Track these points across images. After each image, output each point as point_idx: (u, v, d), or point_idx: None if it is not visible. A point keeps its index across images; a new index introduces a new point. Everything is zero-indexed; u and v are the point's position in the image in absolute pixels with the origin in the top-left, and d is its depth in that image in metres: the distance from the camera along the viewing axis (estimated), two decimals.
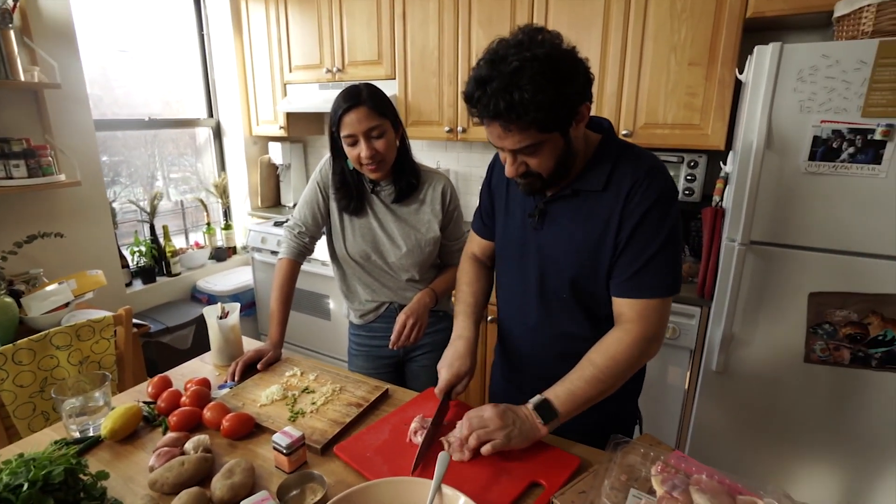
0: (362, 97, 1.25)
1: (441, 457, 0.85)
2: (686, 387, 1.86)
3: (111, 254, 2.53)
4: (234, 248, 3.30)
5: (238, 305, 1.36)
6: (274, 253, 2.78)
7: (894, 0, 1.34)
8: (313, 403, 1.12)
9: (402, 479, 0.81)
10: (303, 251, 1.45)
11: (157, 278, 2.83)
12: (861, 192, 1.38)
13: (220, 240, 3.24)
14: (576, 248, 1.00)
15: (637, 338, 0.94)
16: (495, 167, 1.17)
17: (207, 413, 1.06)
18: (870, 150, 1.35)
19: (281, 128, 3.00)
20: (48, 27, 2.17)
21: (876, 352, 1.44)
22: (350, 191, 1.39)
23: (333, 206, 1.42)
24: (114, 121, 2.73)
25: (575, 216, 0.99)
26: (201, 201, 3.12)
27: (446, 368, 1.07)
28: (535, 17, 2.12)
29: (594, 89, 0.92)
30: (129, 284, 2.73)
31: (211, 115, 3.22)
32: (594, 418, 1.01)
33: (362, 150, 1.26)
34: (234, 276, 3.07)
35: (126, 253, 2.73)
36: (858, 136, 1.35)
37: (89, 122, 2.36)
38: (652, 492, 0.79)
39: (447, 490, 0.78)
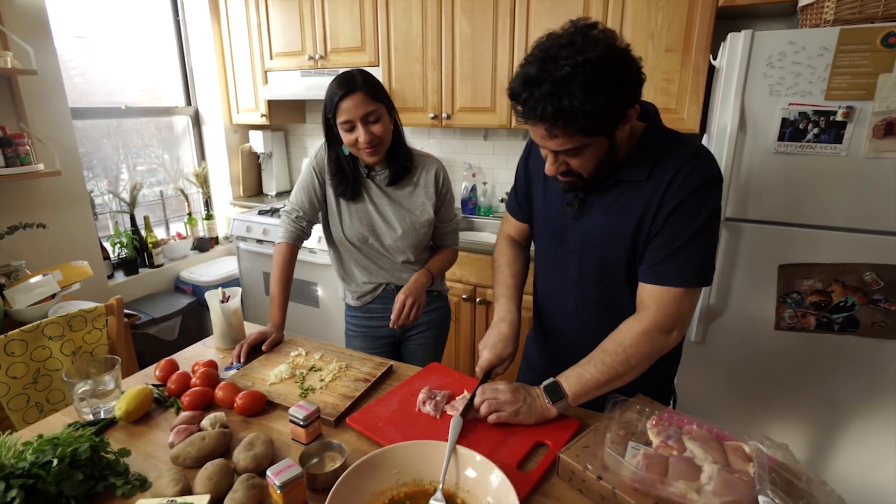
0: (357, 83, 1.28)
1: (454, 421, 0.91)
2: None
3: (92, 245, 2.49)
4: (217, 237, 3.27)
5: (239, 290, 1.39)
6: (260, 241, 2.77)
7: None
8: (321, 380, 1.16)
9: (420, 441, 0.87)
10: (301, 235, 1.48)
11: (140, 270, 2.80)
12: (825, 170, 1.48)
13: (202, 230, 3.21)
14: (616, 237, 0.99)
15: (648, 326, 0.93)
16: (532, 148, 1.14)
17: (220, 392, 1.09)
18: (832, 131, 1.46)
19: (262, 115, 2.98)
20: (20, 11, 2.10)
21: (838, 317, 1.56)
22: (346, 176, 1.42)
23: (330, 191, 1.45)
24: (91, 109, 2.66)
25: (615, 205, 0.98)
26: (182, 191, 3.08)
27: (489, 349, 1.07)
28: (518, 3, 2.16)
29: None
30: (110, 276, 2.69)
31: (189, 103, 3.17)
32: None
33: (360, 134, 1.29)
34: (219, 266, 3.05)
35: (106, 244, 2.68)
36: (822, 118, 1.45)
37: (66, 110, 2.31)
38: (648, 443, 0.86)
39: (462, 450, 0.84)
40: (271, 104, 2.97)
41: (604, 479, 0.80)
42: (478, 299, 2.33)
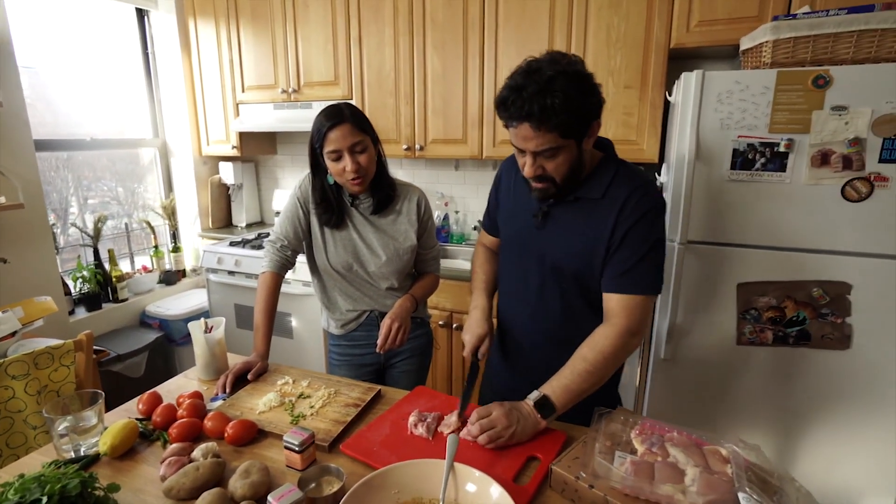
0: (345, 115, 1.34)
1: (450, 439, 0.94)
2: (638, 376, 2.05)
3: (53, 280, 2.40)
4: (184, 270, 3.20)
5: (223, 320, 1.38)
6: (231, 273, 2.73)
7: (787, 39, 1.62)
8: (311, 407, 1.17)
9: (419, 461, 0.89)
10: (285, 264, 1.49)
11: (103, 304, 2.69)
12: (773, 196, 1.63)
13: (168, 263, 3.13)
14: (573, 249, 1.13)
15: (621, 331, 1.06)
16: (502, 175, 1.34)
17: (208, 423, 1.08)
18: (777, 160, 1.61)
19: (234, 147, 2.98)
20: None
21: (792, 331, 1.68)
22: (331, 205, 1.45)
23: (314, 220, 1.48)
24: (55, 141, 2.60)
25: (574, 220, 1.12)
26: (148, 223, 3.01)
27: (469, 333, 1.24)
28: (486, 43, 2.29)
29: None
30: (71, 312, 2.58)
31: (156, 134, 3.14)
32: (580, 406, 1.10)
33: (347, 164, 1.33)
34: (187, 300, 2.97)
35: (67, 279, 2.58)
36: (767, 149, 1.60)
37: (29, 142, 2.26)
38: (634, 451, 0.92)
39: (460, 467, 0.87)
40: (242, 136, 2.98)
41: (595, 486, 0.84)
42: (454, 325, 2.37)
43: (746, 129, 1.61)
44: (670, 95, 1.91)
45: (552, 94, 0.93)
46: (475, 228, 2.75)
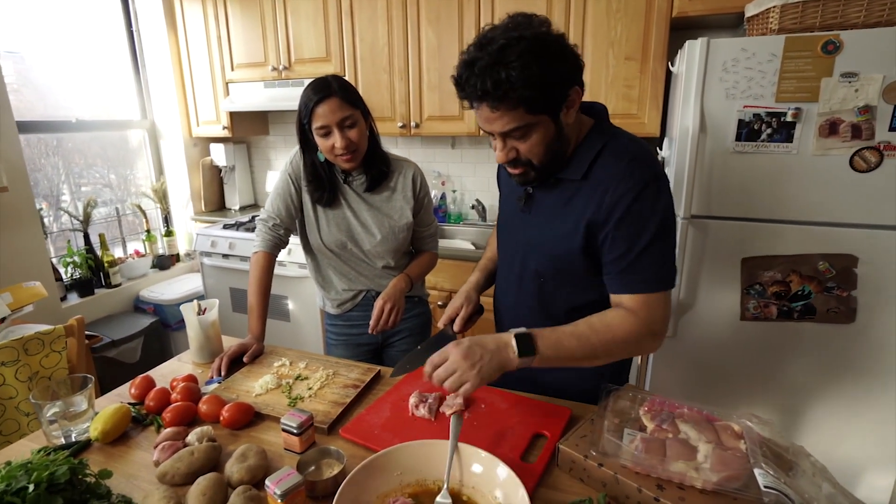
0: (333, 88, 1.27)
1: (453, 419, 0.90)
2: (639, 357, 2.03)
3: (43, 266, 2.35)
4: (178, 254, 3.15)
5: (216, 302, 1.34)
6: (226, 256, 2.69)
7: (795, 3, 1.56)
8: (309, 388, 1.14)
9: (422, 441, 0.86)
10: (278, 244, 1.44)
11: (96, 290, 2.65)
12: (778, 167, 1.58)
13: (161, 247, 3.08)
14: (554, 235, 1.01)
15: (639, 325, 0.91)
16: None
17: (203, 406, 1.05)
18: (783, 131, 1.56)
19: (224, 128, 2.91)
20: None
21: (797, 305, 1.66)
22: (322, 182, 1.40)
23: (307, 197, 1.43)
24: (39, 122, 2.52)
25: (556, 204, 1.01)
26: (139, 207, 2.95)
27: (447, 308, 1.20)
28: (482, 15, 2.22)
29: None
30: (63, 298, 2.53)
31: (145, 116, 3.05)
32: (585, 384, 1.08)
33: (336, 140, 1.28)
34: (181, 284, 2.93)
35: (58, 265, 2.53)
36: (774, 119, 1.56)
37: (11, 123, 2.18)
38: (643, 429, 0.89)
39: (465, 447, 0.84)
40: (233, 116, 2.91)
41: (605, 465, 0.82)
42: None
43: (752, 98, 1.56)
44: (673, 66, 1.85)
45: (506, 66, 0.80)
46: (473, 207, 2.71)
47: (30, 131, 2.47)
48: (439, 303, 2.35)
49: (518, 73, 0.80)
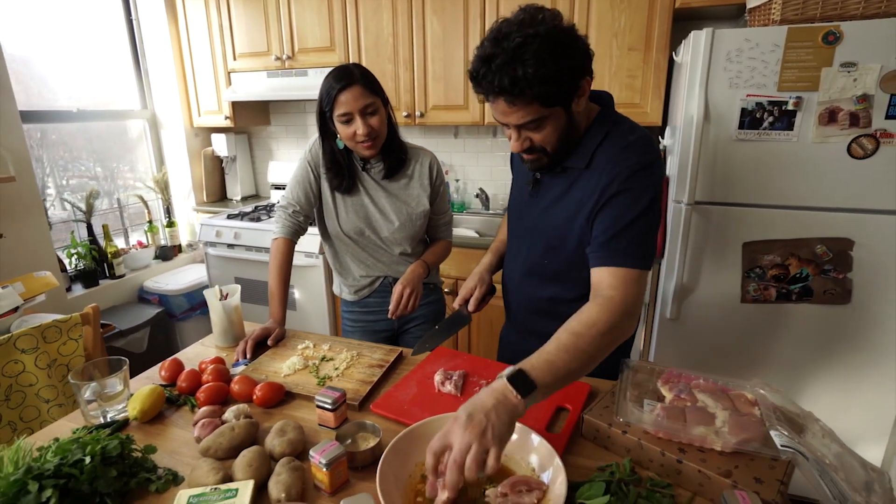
0: (355, 76, 1.30)
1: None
2: (642, 339, 2.09)
3: (48, 256, 2.35)
4: (180, 245, 3.15)
5: (238, 287, 1.37)
6: (231, 246, 2.70)
7: None
8: (336, 369, 1.17)
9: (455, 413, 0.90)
10: (297, 230, 1.47)
11: (100, 281, 2.65)
12: (779, 154, 1.64)
13: (163, 238, 3.08)
14: (559, 220, 1.07)
15: (614, 307, 0.89)
16: None
17: (235, 386, 1.08)
18: (784, 119, 1.61)
19: (227, 118, 2.91)
20: None
21: (795, 287, 1.72)
22: (342, 170, 1.43)
23: (325, 184, 1.46)
24: (41, 112, 2.51)
25: (562, 190, 1.06)
26: (141, 198, 2.94)
27: (461, 289, 1.27)
28: (487, 4, 2.24)
29: None
30: (68, 289, 2.53)
31: (145, 106, 3.04)
32: (603, 365, 1.07)
33: (358, 126, 1.31)
34: (185, 274, 2.94)
35: (62, 255, 2.53)
36: (776, 107, 1.61)
37: (14, 112, 2.17)
38: (661, 399, 0.94)
39: None
40: (235, 106, 2.90)
41: (629, 432, 0.87)
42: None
43: (755, 87, 1.61)
44: (677, 56, 1.90)
45: (523, 64, 0.83)
46: (477, 196, 2.74)
47: (32, 121, 2.46)
48: (445, 290, 2.39)
49: (534, 70, 0.84)
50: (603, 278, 0.95)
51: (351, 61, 2.53)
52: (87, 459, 0.79)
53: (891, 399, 1.70)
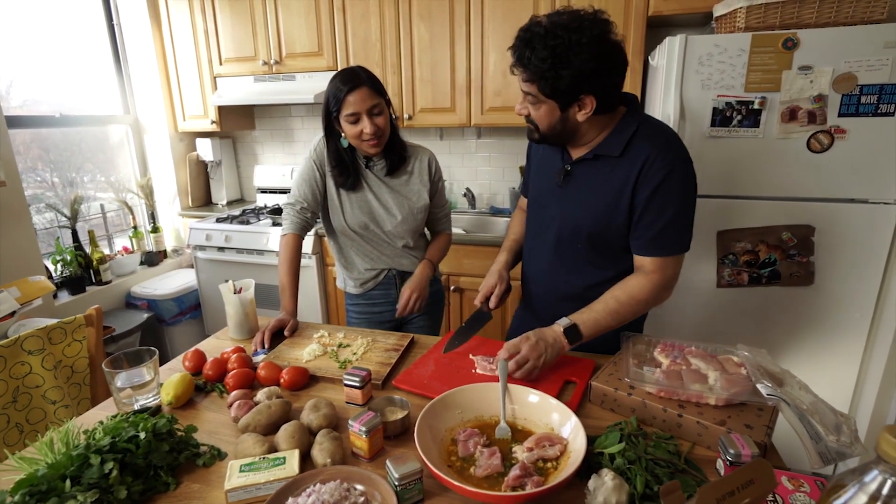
0: (362, 78, 1.38)
1: (500, 365, 1.04)
2: None
3: (35, 262, 2.32)
4: (165, 251, 3.13)
5: (252, 282, 1.42)
6: (221, 249, 2.71)
7: (759, 5, 1.77)
8: (354, 354, 1.24)
9: (477, 384, 0.99)
10: (305, 226, 1.53)
11: (87, 288, 2.62)
12: (747, 150, 1.79)
13: (148, 243, 3.06)
14: (592, 206, 1.14)
15: (657, 285, 1.11)
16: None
17: (262, 372, 1.14)
18: (751, 117, 1.77)
19: (213, 122, 2.92)
20: None
21: (765, 272, 1.88)
22: (347, 167, 1.50)
23: (330, 182, 1.53)
24: (24, 117, 2.48)
25: (594, 178, 1.13)
26: (125, 204, 2.92)
27: (483, 284, 1.33)
28: (472, 10, 2.34)
29: None
30: (54, 296, 2.50)
31: (127, 111, 3.02)
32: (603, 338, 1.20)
33: (365, 126, 1.38)
34: (172, 280, 2.92)
35: (47, 263, 2.49)
36: (743, 107, 1.76)
37: (0, 118, 2.14)
38: (659, 366, 1.05)
39: (514, 387, 0.98)
40: (221, 110, 2.92)
41: (633, 394, 0.97)
42: (451, 287, 2.47)
43: (725, 88, 1.76)
44: (652, 60, 2.04)
45: (533, 51, 0.98)
46: (464, 195, 2.84)
47: (15, 126, 2.42)
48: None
49: (537, 62, 0.99)
50: (645, 264, 1.12)
51: (338, 66, 2.59)
52: (142, 435, 0.84)
53: (851, 369, 1.88)
